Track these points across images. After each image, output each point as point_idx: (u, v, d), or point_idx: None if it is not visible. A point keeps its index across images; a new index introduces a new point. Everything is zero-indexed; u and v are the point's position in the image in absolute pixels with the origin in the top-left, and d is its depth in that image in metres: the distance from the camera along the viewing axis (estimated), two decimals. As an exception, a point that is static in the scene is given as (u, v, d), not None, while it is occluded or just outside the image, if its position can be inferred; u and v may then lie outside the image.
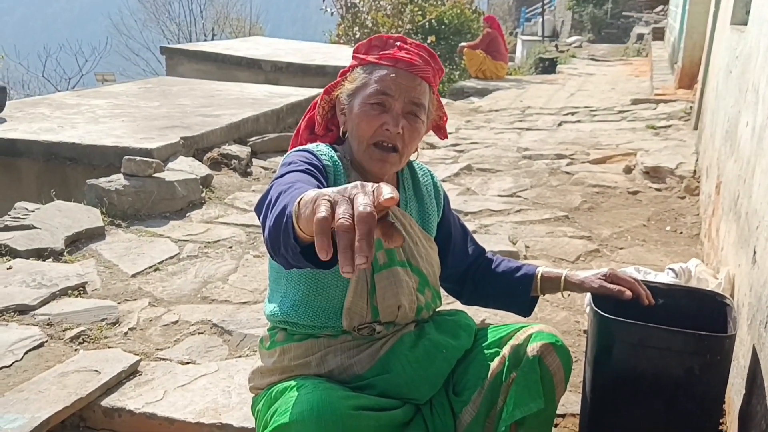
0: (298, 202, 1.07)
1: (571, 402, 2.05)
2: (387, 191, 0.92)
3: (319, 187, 1.28)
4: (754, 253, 1.82)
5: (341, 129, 1.58)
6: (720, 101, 3.62)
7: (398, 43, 1.52)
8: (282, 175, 1.35)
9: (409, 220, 1.59)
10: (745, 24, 3.21)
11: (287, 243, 1.12)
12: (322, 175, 1.42)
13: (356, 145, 1.52)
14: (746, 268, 1.92)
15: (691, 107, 6.32)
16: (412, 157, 1.63)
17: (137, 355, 2.27)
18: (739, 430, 1.69)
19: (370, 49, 1.54)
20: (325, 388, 1.36)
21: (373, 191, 0.94)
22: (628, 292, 1.60)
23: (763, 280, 1.66)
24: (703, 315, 1.69)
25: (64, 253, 3.12)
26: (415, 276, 1.57)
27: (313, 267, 1.15)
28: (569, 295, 1.73)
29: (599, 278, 1.65)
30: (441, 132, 1.68)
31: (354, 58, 1.56)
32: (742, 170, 2.32)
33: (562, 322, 2.56)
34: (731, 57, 3.37)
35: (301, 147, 1.52)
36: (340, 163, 1.51)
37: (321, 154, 1.48)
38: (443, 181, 4.66)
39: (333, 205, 0.93)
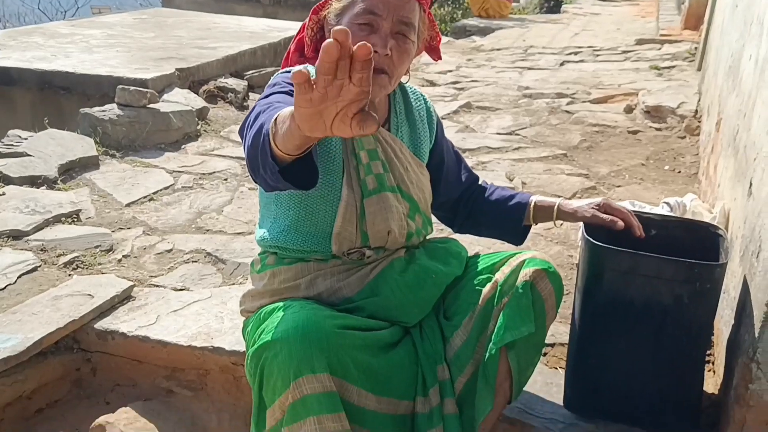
0: (275, 120, 1.05)
1: (560, 332, 2.06)
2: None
3: None
4: (750, 185, 1.80)
5: None
6: (725, 37, 3.55)
7: None
8: (265, 97, 1.33)
9: (399, 145, 1.57)
10: (756, -44, 3.11)
11: (265, 162, 1.11)
12: None
13: None
14: (742, 201, 1.91)
15: (696, 48, 6.20)
16: (404, 80, 1.59)
17: (131, 281, 2.28)
18: (726, 360, 1.71)
19: None
20: (311, 308, 1.36)
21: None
22: (621, 222, 1.59)
23: (757, 210, 1.65)
24: (696, 246, 1.68)
25: (58, 181, 3.10)
26: (406, 202, 1.56)
27: (293, 187, 1.14)
28: (561, 224, 1.72)
29: (592, 208, 1.64)
30: (434, 53, 1.64)
31: None
32: (743, 104, 2.28)
33: (556, 256, 2.57)
34: (739, -9, 3.27)
35: (288, 68, 1.49)
36: None
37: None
38: (442, 118, 4.60)
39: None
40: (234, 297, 2.19)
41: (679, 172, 3.58)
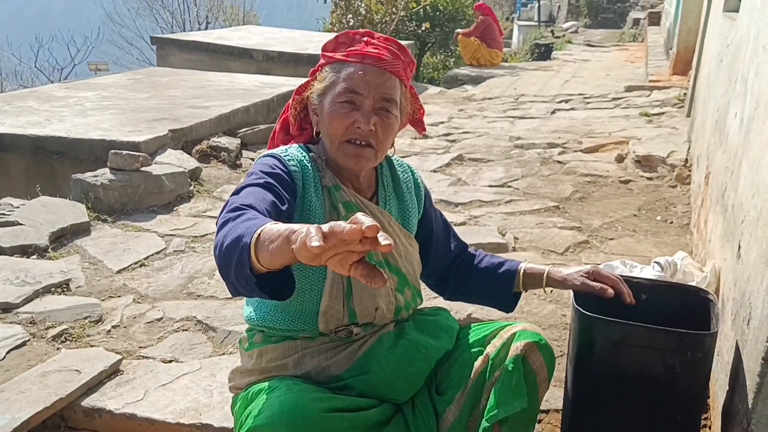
0: (259, 234, 1.06)
1: (555, 398, 2.03)
2: (383, 240, 0.93)
3: (276, 205, 1.28)
4: (739, 248, 1.80)
5: (314, 129, 1.55)
6: (711, 90, 3.59)
7: (365, 39, 1.49)
8: (240, 189, 1.34)
9: (387, 218, 1.57)
10: (737, 11, 3.17)
11: (240, 273, 1.11)
12: (286, 183, 1.40)
13: (329, 143, 1.50)
14: (731, 262, 1.90)
15: (684, 94, 6.28)
16: (389, 152, 1.60)
17: (119, 353, 2.25)
18: (722, 427, 1.68)
19: (337, 46, 1.51)
20: (298, 390, 1.34)
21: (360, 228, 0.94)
22: (610, 290, 1.58)
23: (746, 275, 1.64)
24: (686, 311, 1.67)
25: (49, 250, 3.10)
26: (394, 275, 1.55)
27: (267, 298, 1.14)
28: (551, 291, 1.71)
29: (582, 275, 1.63)
30: (419, 125, 1.66)
31: (322, 56, 1.54)
32: (730, 162, 2.29)
33: (549, 315, 2.55)
34: (722, 45, 3.33)
35: (269, 152, 1.50)
36: (310, 167, 1.49)
37: (288, 160, 1.46)
38: (434, 171, 4.64)
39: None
40: (224, 368, 2.16)
41: (671, 222, 3.58)
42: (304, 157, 1.50)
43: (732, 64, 2.74)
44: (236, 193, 1.34)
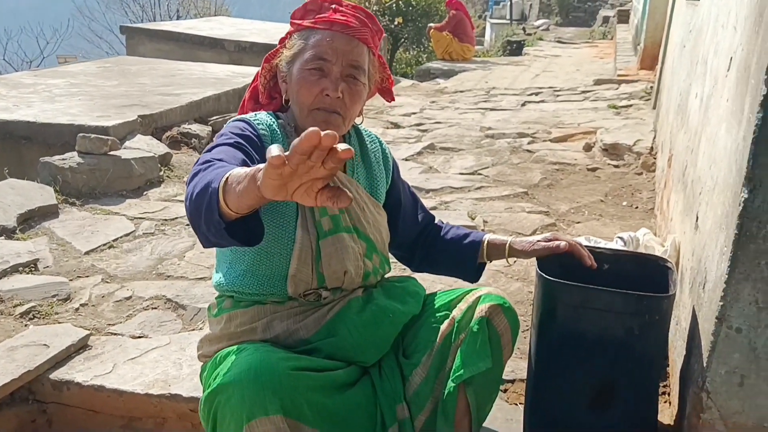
0: (225, 179, 1.07)
1: (520, 368, 2.08)
2: (341, 146, 0.93)
3: (245, 163, 1.30)
4: (697, 218, 1.86)
5: (284, 96, 1.57)
6: (675, 77, 3.68)
7: (333, 6, 1.51)
8: (211, 148, 1.35)
9: (356, 186, 1.59)
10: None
11: (210, 220, 1.12)
12: (256, 145, 1.42)
13: (298, 111, 1.51)
14: (690, 234, 1.96)
15: (651, 87, 6.40)
16: (357, 121, 1.62)
17: (88, 330, 2.24)
18: (679, 390, 1.74)
19: (305, 14, 1.52)
20: (265, 351, 1.36)
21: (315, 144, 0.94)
22: (563, 243, 1.64)
23: (703, 243, 1.70)
24: (647, 279, 1.72)
25: (17, 231, 3.06)
26: (362, 242, 1.58)
27: (238, 244, 1.16)
28: (515, 261, 1.75)
29: (541, 241, 1.67)
30: (387, 94, 1.68)
31: (291, 24, 1.55)
32: (691, 141, 2.36)
33: (516, 292, 2.59)
34: (685, 32, 3.41)
35: (239, 116, 1.51)
36: (279, 132, 1.50)
37: (258, 123, 1.48)
38: (405, 159, 4.67)
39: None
40: (193, 342, 2.15)
41: (637, 207, 3.66)
42: (273, 122, 1.51)
43: (694, 48, 2.82)
44: (207, 152, 1.35)
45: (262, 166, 0.99)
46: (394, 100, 1.72)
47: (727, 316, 1.43)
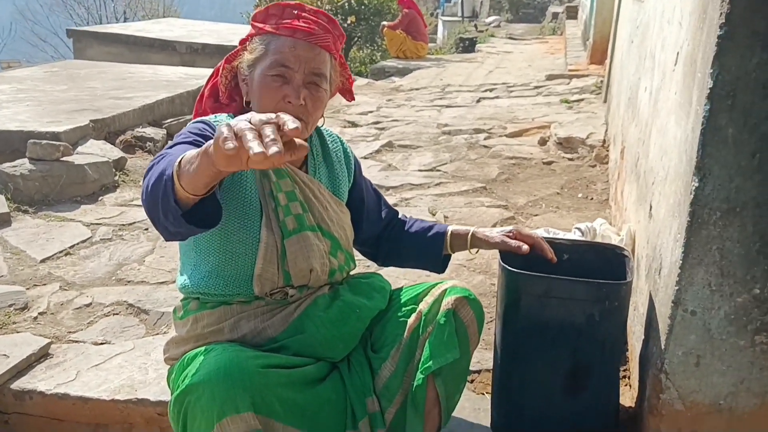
0: (179, 163, 1.08)
1: (486, 358, 2.11)
2: (290, 124, 0.95)
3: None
4: (650, 207, 1.92)
5: (245, 99, 1.56)
6: (624, 71, 3.78)
7: (296, 11, 1.50)
8: (170, 147, 1.34)
9: (317, 186, 1.60)
10: (645, -4, 3.35)
11: (167, 207, 1.13)
12: None
13: None
14: (644, 222, 2.03)
15: (601, 81, 6.55)
16: (319, 123, 1.63)
17: (48, 338, 2.20)
18: (639, 373, 1.79)
19: (267, 18, 1.51)
20: (234, 350, 1.37)
21: (275, 122, 0.96)
22: (526, 247, 1.67)
23: (657, 231, 1.76)
24: (605, 267, 1.78)
25: (-33, 241, 2.98)
26: (327, 240, 1.59)
27: (197, 229, 1.17)
28: (477, 251, 1.79)
29: (503, 235, 1.71)
30: (348, 94, 1.70)
31: (252, 26, 1.54)
32: (642, 133, 2.43)
33: (478, 285, 2.64)
34: (633, 28, 3.51)
35: (199, 119, 1.51)
36: None
37: (218, 124, 1.47)
38: (364, 158, 4.68)
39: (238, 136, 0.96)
40: (158, 347, 2.14)
41: (592, 199, 3.75)
42: None
43: (641, 43, 2.90)
44: (167, 149, 1.34)
45: (212, 140, 1.01)
46: (354, 99, 1.73)
47: (682, 300, 1.48)
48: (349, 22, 12.04)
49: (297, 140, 0.96)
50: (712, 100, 1.37)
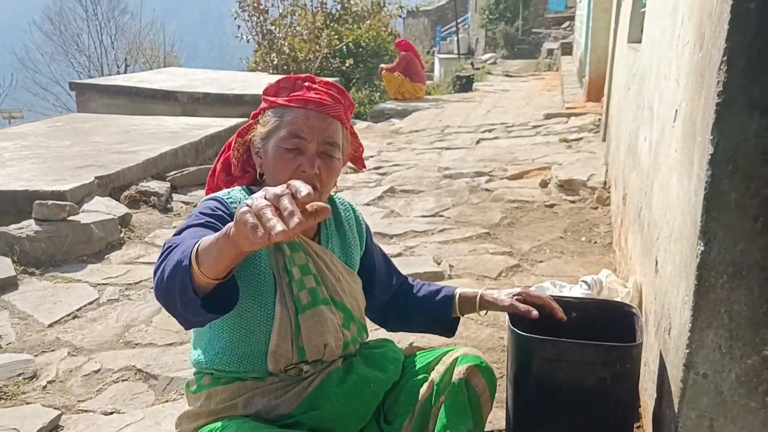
0: (197, 250, 1.09)
1: (498, 418, 2.10)
2: (302, 190, 0.97)
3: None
4: (656, 263, 1.93)
5: (258, 171, 1.59)
6: (622, 115, 3.82)
7: (307, 84, 1.54)
8: (180, 231, 1.36)
9: (330, 257, 1.61)
10: (640, 41, 3.40)
11: (185, 299, 1.14)
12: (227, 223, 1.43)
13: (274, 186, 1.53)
14: (650, 276, 2.03)
15: (599, 119, 6.61)
16: (332, 192, 1.65)
17: (57, 409, 2.20)
18: (653, 433, 1.78)
19: (279, 91, 1.55)
20: (248, 427, 1.36)
21: (288, 192, 0.99)
22: (535, 313, 1.67)
23: (664, 288, 1.76)
24: (613, 325, 1.78)
25: (-25, 307, 2.99)
26: (340, 312, 1.59)
27: (216, 316, 1.18)
28: (486, 312, 1.79)
29: (511, 297, 1.72)
30: (359, 163, 1.72)
31: (264, 100, 1.58)
32: (643, 183, 2.45)
33: (487, 339, 2.63)
34: (629, 74, 3.56)
35: (212, 195, 1.53)
36: None
37: (230, 201, 1.49)
38: (367, 204, 4.71)
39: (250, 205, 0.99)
40: (168, 416, 2.13)
41: (595, 242, 3.76)
42: (246, 199, 1.53)
43: (639, 92, 2.94)
44: (178, 232, 1.36)
45: (231, 223, 1.02)
46: (365, 167, 1.76)
47: (694, 363, 1.48)
48: (347, 64, 12.21)
49: (315, 204, 0.98)
50: (714, 165, 1.38)
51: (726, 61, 1.32)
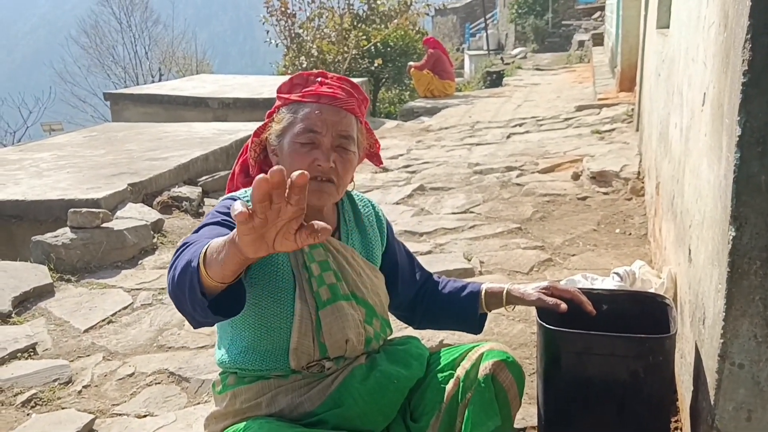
0: (204, 254, 1.09)
1: (530, 414, 2.06)
2: (295, 174, 0.95)
3: None
4: (689, 251, 1.87)
5: None
6: (653, 103, 3.73)
7: (319, 79, 1.54)
8: (197, 230, 1.37)
9: (350, 252, 1.60)
10: (668, 27, 3.32)
11: (194, 299, 1.13)
12: None
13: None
14: (684, 266, 1.97)
15: (632, 109, 6.48)
16: (349, 188, 1.64)
17: (92, 413, 2.22)
18: (691, 427, 1.73)
19: (292, 88, 1.55)
20: (270, 428, 1.36)
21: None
22: (564, 306, 1.62)
23: (698, 277, 1.71)
24: (646, 317, 1.73)
25: (12, 315, 3.05)
26: (361, 308, 1.58)
27: (224, 318, 1.18)
28: (514, 308, 1.76)
29: (539, 291, 1.68)
30: (375, 159, 1.71)
31: (278, 98, 1.58)
32: (675, 170, 2.38)
33: (518, 335, 2.59)
34: (659, 60, 3.47)
35: (229, 194, 1.53)
36: None
37: (247, 200, 1.49)
38: (396, 203, 4.69)
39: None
40: (200, 418, 2.14)
41: (630, 234, 3.68)
42: None
43: (668, 78, 2.87)
44: (195, 231, 1.36)
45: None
46: (383, 164, 1.74)
47: (729, 353, 1.43)
48: (376, 64, 12.20)
49: (319, 223, 0.97)
50: (742, 147, 1.33)
51: (750, 39, 1.27)
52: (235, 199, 1.50)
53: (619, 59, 8.03)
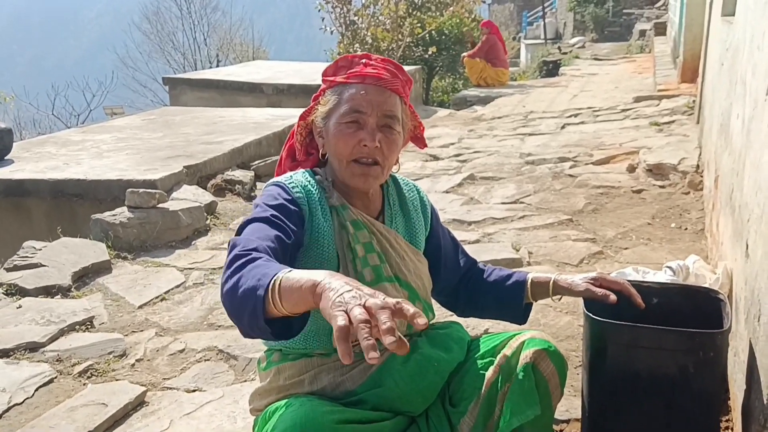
0: (277, 285, 1.12)
1: (575, 406, 2.04)
2: (421, 320, 1.02)
3: (280, 240, 1.34)
4: (747, 246, 1.81)
5: (321, 151, 1.60)
6: (715, 94, 3.61)
7: (363, 61, 1.55)
8: (247, 223, 1.40)
9: (394, 236, 1.61)
10: (734, 15, 3.20)
11: (253, 324, 1.17)
12: (291, 212, 1.45)
13: (337, 164, 1.55)
14: (741, 262, 1.91)
15: (693, 101, 6.28)
16: (394, 170, 1.65)
17: (144, 385, 2.30)
18: (742, 426, 1.68)
19: (337, 70, 1.57)
20: (311, 405, 1.38)
21: (392, 306, 1.03)
22: (613, 297, 1.59)
23: (754, 273, 1.65)
24: (698, 312, 1.68)
25: (72, 289, 3.16)
26: (404, 290, 1.59)
27: (282, 339, 1.21)
28: (560, 298, 1.73)
29: (587, 281, 1.65)
30: (420, 142, 1.71)
31: (323, 81, 1.59)
32: (735, 163, 2.31)
33: (565, 327, 2.56)
34: (722, 49, 3.36)
35: (273, 180, 1.56)
36: (314, 191, 1.53)
37: (293, 187, 1.51)
38: (446, 192, 4.68)
39: (347, 311, 1.02)
40: (246, 394, 2.17)
41: (686, 229, 3.58)
42: (309, 182, 1.55)
43: (732, 67, 2.77)
44: (243, 226, 1.39)
45: (318, 277, 1.08)
46: (426, 146, 1.74)
47: (784, 352, 1.38)
48: (430, 52, 12.13)
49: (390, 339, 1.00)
50: (807, 138, 1.28)
51: (819, 23, 1.21)
52: (279, 186, 1.52)
53: (682, 49, 7.78)
